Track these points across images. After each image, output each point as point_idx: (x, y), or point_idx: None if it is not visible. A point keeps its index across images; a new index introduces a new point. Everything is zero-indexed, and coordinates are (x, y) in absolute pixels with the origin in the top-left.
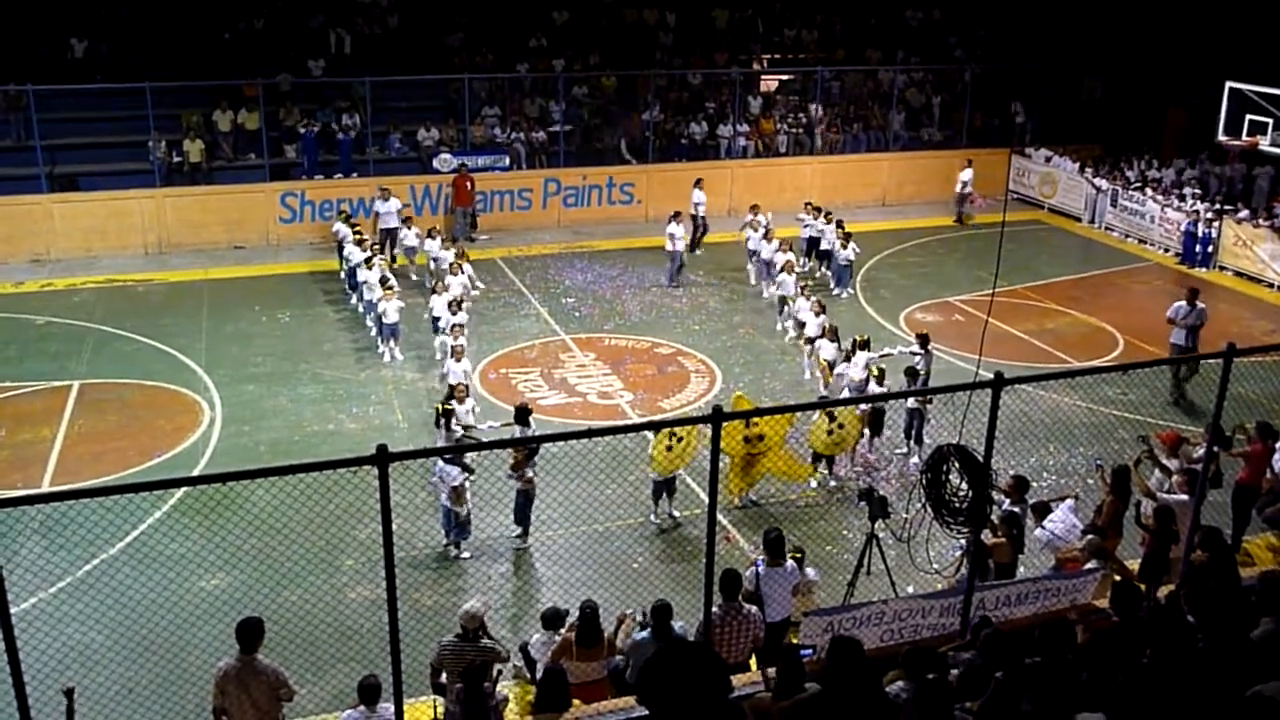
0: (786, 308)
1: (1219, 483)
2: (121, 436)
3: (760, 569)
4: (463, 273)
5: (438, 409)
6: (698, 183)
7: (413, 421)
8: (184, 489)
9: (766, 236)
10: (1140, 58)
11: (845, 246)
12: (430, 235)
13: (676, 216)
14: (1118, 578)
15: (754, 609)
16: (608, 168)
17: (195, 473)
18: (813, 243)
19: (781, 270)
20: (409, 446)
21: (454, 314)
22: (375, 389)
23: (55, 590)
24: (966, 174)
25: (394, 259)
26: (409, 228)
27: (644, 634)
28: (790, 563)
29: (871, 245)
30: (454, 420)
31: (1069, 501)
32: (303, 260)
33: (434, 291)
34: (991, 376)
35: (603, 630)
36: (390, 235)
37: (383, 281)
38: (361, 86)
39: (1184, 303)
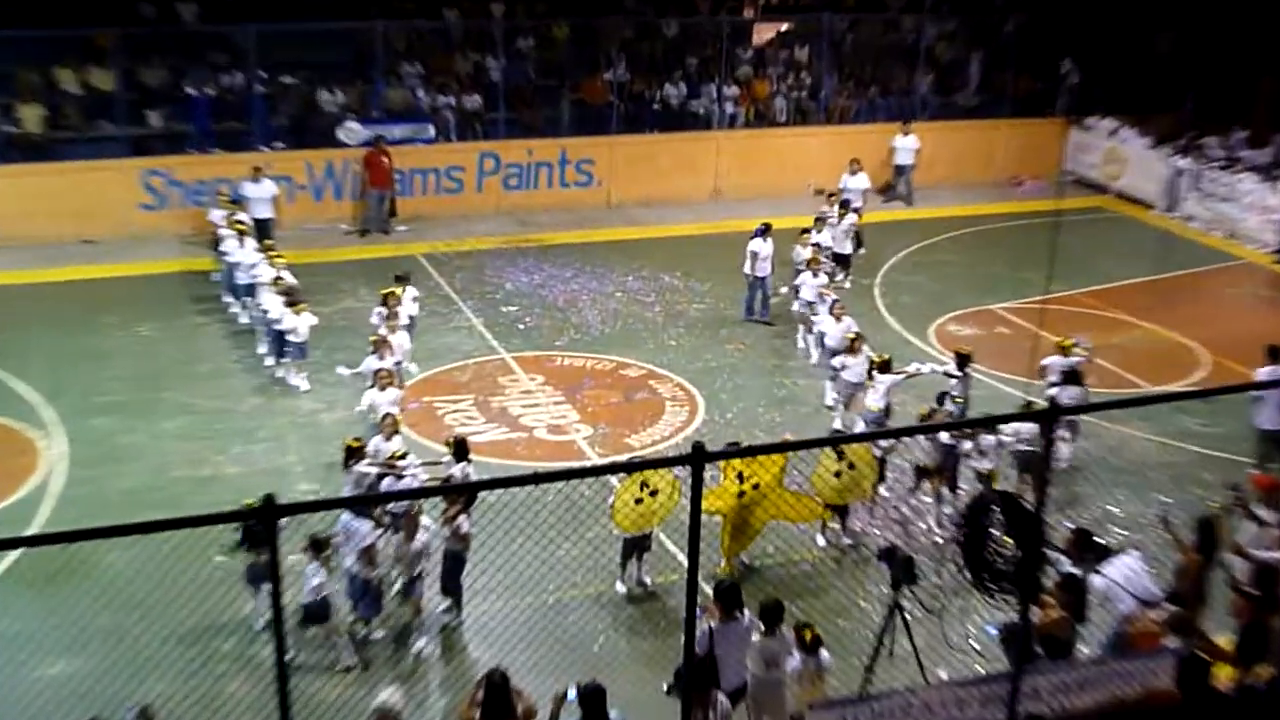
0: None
1: None
2: None
3: (712, 626)
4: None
5: (346, 446)
6: (854, 165)
7: (311, 464)
8: (18, 551)
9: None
10: (1229, 9)
11: (840, 221)
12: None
13: (765, 231)
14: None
15: (748, 615)
16: (560, 139)
17: (31, 531)
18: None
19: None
20: (306, 496)
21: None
22: (263, 422)
23: None
24: (904, 142)
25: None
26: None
27: None
28: (746, 615)
29: (893, 239)
30: (365, 460)
31: (1134, 551)
32: (170, 257)
33: (374, 350)
34: (1044, 405)
35: (515, 704)
36: (262, 226)
37: (288, 291)
38: (245, 36)
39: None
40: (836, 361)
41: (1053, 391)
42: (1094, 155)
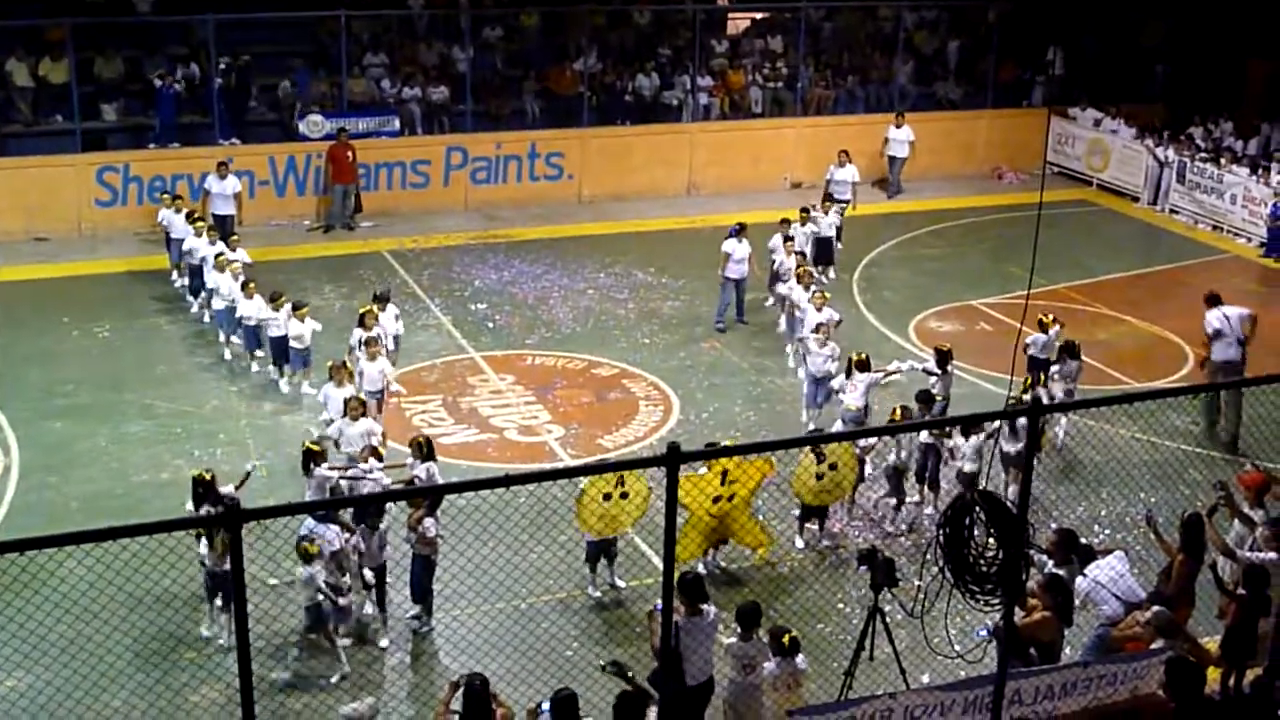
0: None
1: None
2: None
3: (677, 621)
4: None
5: (305, 449)
6: (842, 156)
7: (275, 468)
8: None
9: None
10: None
11: (826, 213)
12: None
13: (740, 231)
14: (1192, 659)
15: (713, 610)
16: (530, 132)
17: None
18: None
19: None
20: (270, 501)
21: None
22: (224, 425)
23: None
24: (897, 133)
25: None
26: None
27: None
28: (712, 609)
29: (872, 233)
30: (325, 463)
31: (1118, 553)
32: (127, 255)
33: (331, 378)
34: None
35: (494, 711)
36: (223, 223)
37: (274, 296)
38: (203, 28)
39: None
40: (835, 384)
41: (1054, 368)
42: (1078, 146)
